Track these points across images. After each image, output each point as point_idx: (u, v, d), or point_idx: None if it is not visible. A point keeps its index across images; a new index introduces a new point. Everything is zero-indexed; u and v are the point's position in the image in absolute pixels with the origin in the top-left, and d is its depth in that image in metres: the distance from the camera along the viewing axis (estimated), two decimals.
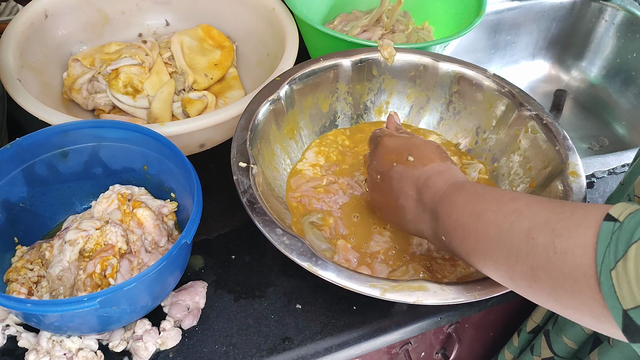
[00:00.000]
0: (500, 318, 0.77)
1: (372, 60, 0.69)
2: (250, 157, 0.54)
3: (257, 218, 0.49)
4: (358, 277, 0.46)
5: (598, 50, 1.13)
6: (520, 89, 0.67)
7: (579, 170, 0.57)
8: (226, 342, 0.55)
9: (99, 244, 0.54)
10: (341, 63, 0.67)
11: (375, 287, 0.46)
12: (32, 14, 0.73)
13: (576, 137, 1.08)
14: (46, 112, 0.60)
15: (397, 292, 0.45)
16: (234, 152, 0.54)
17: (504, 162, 0.66)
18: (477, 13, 0.80)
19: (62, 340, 0.51)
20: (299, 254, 0.47)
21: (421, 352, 0.74)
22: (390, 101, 0.72)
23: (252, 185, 0.51)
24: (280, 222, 0.49)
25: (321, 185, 0.63)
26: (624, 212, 0.33)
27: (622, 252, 0.31)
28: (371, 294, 0.45)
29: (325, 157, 0.67)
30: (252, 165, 0.53)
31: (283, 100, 0.63)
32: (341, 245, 0.57)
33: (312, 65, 0.66)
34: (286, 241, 0.47)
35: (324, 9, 0.94)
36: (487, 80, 0.68)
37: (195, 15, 0.86)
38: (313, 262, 0.46)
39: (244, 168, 0.53)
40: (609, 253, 0.32)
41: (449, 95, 0.70)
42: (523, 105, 0.64)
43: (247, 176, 0.52)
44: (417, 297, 0.45)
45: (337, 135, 0.70)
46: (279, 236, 0.48)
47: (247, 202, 0.50)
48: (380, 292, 0.45)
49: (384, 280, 0.46)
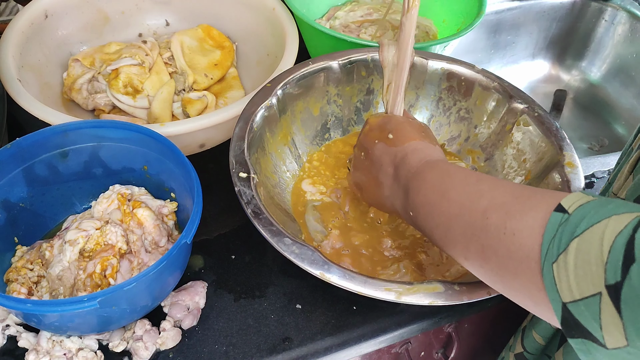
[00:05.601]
0: (500, 318, 0.77)
1: (361, 61, 0.68)
2: (250, 167, 0.54)
3: (264, 229, 0.49)
4: (372, 282, 0.46)
5: (598, 50, 1.13)
6: (510, 83, 0.67)
7: (575, 160, 0.57)
8: (226, 342, 0.55)
9: (99, 244, 0.54)
10: (330, 65, 0.67)
11: (390, 291, 0.46)
12: (32, 14, 0.73)
13: (576, 137, 1.08)
14: (46, 112, 0.60)
15: (413, 294, 0.46)
16: (232, 162, 0.54)
17: (498, 155, 0.67)
18: (477, 13, 0.80)
19: (62, 340, 0.51)
20: (310, 263, 0.47)
21: (421, 351, 0.74)
22: (379, 101, 0.72)
23: (255, 196, 0.51)
24: (286, 231, 0.49)
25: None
26: (575, 204, 0.33)
27: (565, 245, 0.32)
28: (387, 299, 0.45)
29: (323, 185, 0.66)
30: (253, 175, 0.53)
31: (275, 106, 0.62)
32: (334, 234, 0.59)
33: (301, 69, 0.65)
34: (296, 250, 0.47)
35: (324, 9, 0.94)
36: (476, 75, 0.68)
37: (195, 15, 0.86)
38: (325, 270, 0.46)
39: (244, 178, 0.53)
40: (553, 245, 0.32)
41: (438, 92, 0.70)
42: (513, 99, 0.65)
43: (248, 186, 0.52)
44: (432, 298, 0.45)
45: (321, 157, 0.70)
46: (288, 246, 0.48)
47: (252, 213, 0.50)
48: (396, 295, 0.45)
49: (398, 283, 0.46)
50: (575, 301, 0.31)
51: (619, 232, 0.29)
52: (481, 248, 0.39)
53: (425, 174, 0.47)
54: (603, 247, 0.30)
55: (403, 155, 0.50)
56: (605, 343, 0.30)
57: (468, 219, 0.40)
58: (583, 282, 0.30)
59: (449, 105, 0.71)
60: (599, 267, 0.30)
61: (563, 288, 0.32)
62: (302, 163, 0.68)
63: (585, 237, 0.31)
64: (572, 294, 0.31)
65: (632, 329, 0.29)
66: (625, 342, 0.29)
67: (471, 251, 0.40)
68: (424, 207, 0.45)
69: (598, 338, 0.31)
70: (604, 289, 0.29)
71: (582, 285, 0.30)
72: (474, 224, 0.39)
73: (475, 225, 0.39)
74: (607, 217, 0.31)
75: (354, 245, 0.59)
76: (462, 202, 0.41)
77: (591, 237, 0.31)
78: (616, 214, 0.31)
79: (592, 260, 0.30)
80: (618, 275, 0.28)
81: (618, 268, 0.29)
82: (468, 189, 0.42)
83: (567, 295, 0.31)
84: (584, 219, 0.32)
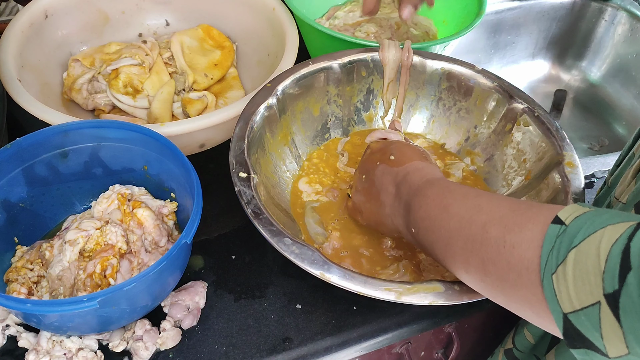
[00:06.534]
0: (500, 318, 0.77)
1: (361, 61, 0.68)
2: (250, 167, 0.54)
3: (264, 229, 0.49)
4: (372, 282, 0.46)
5: (598, 50, 1.13)
6: (510, 83, 0.67)
7: (575, 160, 0.57)
8: (226, 342, 0.55)
9: (99, 244, 0.54)
10: (331, 65, 0.67)
11: (390, 291, 0.46)
12: (32, 14, 0.73)
13: (576, 137, 1.08)
14: (46, 112, 0.60)
15: (413, 294, 0.46)
16: (232, 162, 0.54)
17: (498, 155, 0.67)
18: (477, 13, 0.80)
19: (62, 340, 0.51)
20: (310, 263, 0.47)
21: (421, 351, 0.74)
22: (379, 101, 0.72)
23: (255, 196, 0.51)
24: (286, 231, 0.49)
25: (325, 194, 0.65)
26: (571, 215, 0.34)
27: (563, 256, 0.32)
28: (387, 299, 0.45)
29: (319, 184, 0.66)
30: (253, 175, 0.53)
31: (275, 106, 0.62)
32: (335, 236, 0.59)
33: (301, 69, 0.65)
34: (296, 250, 0.47)
35: (324, 9, 0.94)
36: (476, 75, 0.68)
37: (195, 15, 0.86)
38: (325, 270, 0.46)
39: (244, 178, 0.53)
40: (552, 257, 0.33)
41: (438, 93, 0.70)
42: (513, 99, 0.65)
43: (248, 186, 0.52)
44: (432, 298, 0.45)
45: (321, 155, 0.70)
46: (288, 246, 0.48)
47: (253, 213, 0.50)
48: (396, 295, 0.45)
49: (398, 283, 0.46)
50: (576, 311, 0.31)
51: (615, 242, 0.30)
52: (481, 261, 0.39)
53: (427, 191, 0.47)
54: (600, 257, 0.30)
55: (405, 174, 0.51)
56: (607, 352, 0.31)
57: (468, 233, 0.40)
58: (582, 292, 0.31)
59: (449, 105, 0.71)
60: (596, 277, 0.30)
61: (563, 299, 0.32)
62: (302, 162, 0.68)
63: (582, 247, 0.31)
64: (572, 305, 0.31)
65: (632, 336, 0.29)
66: (626, 350, 0.29)
67: (472, 265, 0.40)
68: (424, 222, 0.46)
69: (600, 347, 0.31)
70: (603, 298, 0.29)
71: (581, 295, 0.31)
72: (474, 238, 0.39)
73: (476, 239, 0.39)
74: (602, 227, 0.31)
75: (354, 246, 0.59)
76: (462, 215, 0.42)
77: (588, 247, 0.31)
78: (611, 224, 0.31)
79: (590, 270, 0.30)
80: (615, 283, 0.29)
81: (615, 277, 0.29)
82: (468, 204, 0.42)
83: (567, 305, 0.32)
84: (580, 230, 0.32)
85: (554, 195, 0.56)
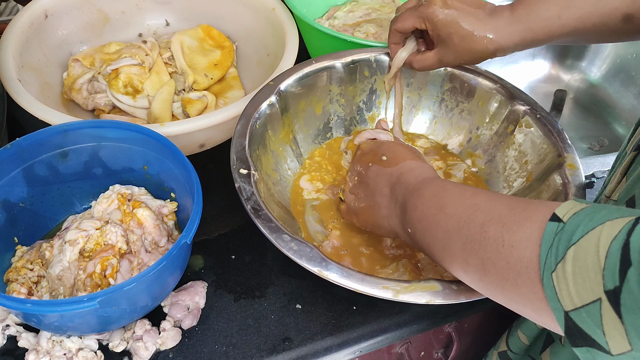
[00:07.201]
0: (500, 318, 0.77)
1: (364, 61, 0.68)
2: (250, 164, 0.54)
3: (263, 225, 0.49)
4: (370, 279, 0.46)
5: (598, 50, 1.13)
6: (512, 85, 0.67)
7: (576, 162, 0.57)
8: (226, 342, 0.55)
9: (99, 244, 0.54)
10: (334, 65, 0.67)
11: (387, 289, 0.46)
12: (32, 14, 0.73)
13: (576, 137, 1.08)
14: (46, 112, 0.60)
15: (410, 293, 0.45)
16: (233, 158, 0.54)
17: (499, 157, 0.66)
18: None
19: (62, 340, 0.51)
20: (308, 259, 0.47)
21: (421, 351, 0.74)
22: (382, 101, 0.72)
23: (255, 192, 0.51)
24: (285, 228, 0.49)
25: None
26: (569, 212, 0.34)
27: (562, 254, 0.32)
28: (384, 297, 0.45)
29: (320, 181, 0.66)
30: (253, 172, 0.53)
31: (277, 104, 0.62)
32: (335, 234, 0.59)
33: (305, 68, 0.65)
34: (294, 247, 0.47)
35: (324, 9, 0.94)
36: (479, 77, 0.68)
37: (195, 15, 0.86)
38: (323, 267, 0.46)
39: (245, 175, 0.53)
40: (551, 255, 0.33)
41: (440, 94, 0.70)
42: (516, 101, 0.65)
43: (248, 183, 0.52)
44: (430, 297, 0.45)
45: (322, 153, 0.70)
46: (286, 242, 0.48)
47: (252, 209, 0.50)
48: (393, 293, 0.45)
49: (396, 281, 0.46)
50: (577, 309, 0.31)
51: (614, 237, 0.30)
52: (480, 261, 0.39)
53: (422, 191, 0.47)
54: (599, 253, 0.30)
55: (399, 175, 0.51)
56: (609, 349, 0.30)
57: (466, 233, 0.40)
58: (582, 290, 0.30)
59: (451, 106, 0.71)
60: (596, 274, 0.30)
61: (564, 296, 0.32)
62: (303, 161, 0.68)
63: (581, 244, 0.31)
64: (573, 302, 0.31)
65: (634, 332, 0.29)
66: (629, 346, 0.29)
67: (470, 264, 0.40)
68: (421, 223, 0.45)
69: (602, 345, 0.31)
70: (603, 295, 0.29)
71: (581, 292, 0.31)
72: (473, 238, 0.39)
73: (474, 239, 0.39)
74: (601, 223, 0.31)
75: (354, 245, 0.59)
76: (459, 215, 0.41)
77: (587, 244, 0.31)
78: (610, 220, 0.31)
79: (589, 267, 0.30)
80: (616, 280, 0.29)
81: (615, 273, 0.29)
82: (465, 203, 0.42)
83: (568, 303, 0.32)
84: (579, 227, 0.32)
85: (555, 197, 0.56)
